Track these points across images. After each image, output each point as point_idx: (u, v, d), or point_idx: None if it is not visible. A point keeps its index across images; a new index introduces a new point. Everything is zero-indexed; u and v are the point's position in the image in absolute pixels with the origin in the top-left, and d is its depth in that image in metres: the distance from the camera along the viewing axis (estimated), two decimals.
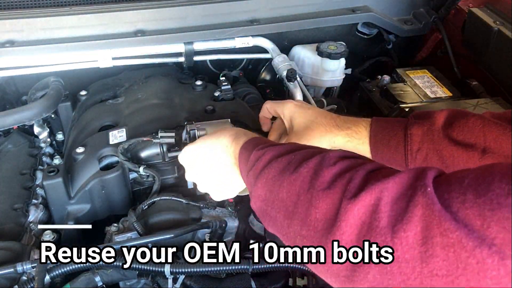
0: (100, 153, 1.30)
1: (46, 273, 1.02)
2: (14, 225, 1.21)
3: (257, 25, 1.53)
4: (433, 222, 0.54)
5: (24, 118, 1.37)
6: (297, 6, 1.59)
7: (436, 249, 0.53)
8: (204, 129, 1.15)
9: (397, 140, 1.03)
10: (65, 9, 1.45)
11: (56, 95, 1.43)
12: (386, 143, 1.04)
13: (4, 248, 1.11)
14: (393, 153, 1.04)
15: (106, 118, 1.44)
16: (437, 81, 1.60)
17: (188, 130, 1.17)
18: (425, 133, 1.01)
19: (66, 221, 1.25)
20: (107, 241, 1.15)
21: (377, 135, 1.06)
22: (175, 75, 1.67)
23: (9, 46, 1.37)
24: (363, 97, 1.65)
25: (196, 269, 1.04)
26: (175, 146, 1.25)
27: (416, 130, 1.01)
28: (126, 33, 1.45)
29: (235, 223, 1.21)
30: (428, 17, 1.72)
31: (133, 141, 1.27)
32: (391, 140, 1.04)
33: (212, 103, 1.47)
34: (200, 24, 1.51)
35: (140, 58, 1.55)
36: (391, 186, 0.60)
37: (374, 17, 1.66)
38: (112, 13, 1.45)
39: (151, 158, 1.30)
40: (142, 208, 1.18)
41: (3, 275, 1.02)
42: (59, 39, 1.41)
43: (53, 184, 1.22)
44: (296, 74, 1.51)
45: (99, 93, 1.59)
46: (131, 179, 1.30)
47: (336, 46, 1.60)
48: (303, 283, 1.09)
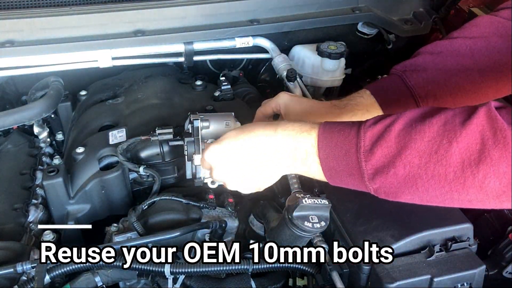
0: (100, 153, 1.30)
1: (46, 273, 1.02)
2: (14, 225, 1.21)
3: (257, 25, 1.53)
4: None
5: (24, 118, 1.37)
6: (297, 6, 1.59)
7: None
8: (207, 120, 1.15)
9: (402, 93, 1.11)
10: (65, 9, 1.45)
11: (56, 95, 1.43)
12: (394, 100, 1.09)
13: (4, 248, 1.11)
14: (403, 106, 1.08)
15: (106, 118, 1.45)
16: None
17: (191, 120, 1.17)
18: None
19: (66, 221, 1.25)
20: (107, 241, 1.15)
21: (379, 93, 1.10)
22: (175, 75, 1.67)
23: (9, 46, 1.37)
24: None
25: (196, 269, 1.04)
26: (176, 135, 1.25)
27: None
28: (126, 33, 1.45)
29: (235, 223, 1.21)
30: (428, 17, 1.72)
31: (132, 140, 1.27)
32: (400, 98, 1.10)
33: (212, 103, 1.48)
34: (200, 24, 1.51)
35: (140, 58, 1.55)
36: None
37: (374, 17, 1.66)
38: (112, 13, 1.45)
39: (151, 158, 1.30)
40: (142, 208, 1.18)
41: (3, 275, 1.02)
42: (59, 39, 1.41)
43: (53, 184, 1.22)
44: (296, 74, 1.51)
45: (99, 93, 1.59)
46: (131, 179, 1.30)
47: (336, 46, 1.60)
48: (303, 283, 1.09)
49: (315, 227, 0.91)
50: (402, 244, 0.98)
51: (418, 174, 0.79)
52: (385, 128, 0.82)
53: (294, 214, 0.90)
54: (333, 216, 1.05)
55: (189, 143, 1.15)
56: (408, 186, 0.81)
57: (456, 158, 0.75)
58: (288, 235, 0.95)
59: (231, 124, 1.17)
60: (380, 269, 0.95)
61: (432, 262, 0.96)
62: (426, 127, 0.79)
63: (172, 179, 1.33)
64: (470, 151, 0.75)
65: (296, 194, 0.93)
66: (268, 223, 1.08)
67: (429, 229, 0.98)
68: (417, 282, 0.93)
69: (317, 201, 0.92)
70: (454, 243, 0.99)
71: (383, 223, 1.00)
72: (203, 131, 1.14)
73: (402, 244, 0.98)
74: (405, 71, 1.17)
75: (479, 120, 0.75)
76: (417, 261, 0.97)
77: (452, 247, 0.98)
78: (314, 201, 0.91)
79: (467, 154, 0.75)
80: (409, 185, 0.81)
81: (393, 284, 0.92)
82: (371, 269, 0.96)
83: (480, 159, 0.74)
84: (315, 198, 0.92)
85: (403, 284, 0.93)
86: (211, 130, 1.16)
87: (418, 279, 0.94)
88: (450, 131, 0.77)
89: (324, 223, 0.92)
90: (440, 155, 0.77)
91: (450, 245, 0.98)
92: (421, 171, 0.79)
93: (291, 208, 0.91)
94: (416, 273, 0.94)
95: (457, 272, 0.95)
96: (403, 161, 0.79)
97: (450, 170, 0.76)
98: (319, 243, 1.05)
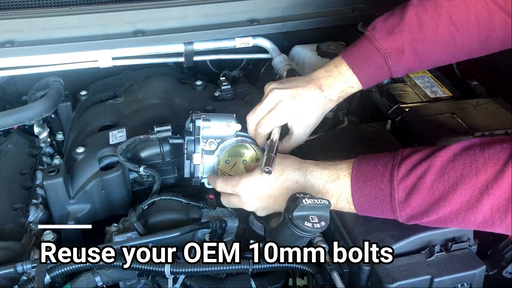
0: (100, 153, 1.30)
1: (46, 273, 1.02)
2: (14, 225, 1.21)
3: (257, 25, 1.53)
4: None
5: (24, 118, 1.37)
6: (297, 6, 1.59)
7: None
8: (209, 120, 1.15)
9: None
10: (65, 9, 1.45)
11: (56, 95, 1.43)
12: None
13: (4, 248, 1.11)
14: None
15: (106, 118, 1.45)
16: (437, 81, 1.60)
17: (193, 119, 1.17)
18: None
19: (66, 221, 1.25)
20: (107, 241, 1.15)
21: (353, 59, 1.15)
22: (175, 75, 1.67)
23: (9, 46, 1.37)
24: (363, 97, 1.64)
25: (196, 269, 1.04)
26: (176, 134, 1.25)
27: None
28: (126, 33, 1.45)
29: (235, 223, 1.21)
30: None
31: (131, 140, 1.27)
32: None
33: (212, 103, 1.48)
34: (200, 24, 1.51)
35: (140, 58, 1.55)
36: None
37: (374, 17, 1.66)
38: (112, 13, 1.45)
39: (151, 158, 1.30)
40: (142, 208, 1.18)
41: (3, 275, 1.02)
42: (59, 39, 1.41)
43: (53, 184, 1.22)
44: (296, 74, 1.51)
45: (99, 93, 1.59)
46: (131, 179, 1.30)
47: (336, 46, 1.60)
48: (303, 283, 1.09)
49: (315, 227, 0.90)
50: (402, 244, 0.98)
51: (449, 218, 0.87)
52: (417, 179, 0.88)
53: (294, 214, 0.90)
54: (333, 216, 1.05)
55: (189, 141, 1.15)
56: (437, 223, 0.90)
57: (487, 207, 0.82)
58: (288, 235, 0.95)
59: (232, 125, 1.17)
60: (380, 269, 0.95)
61: (432, 262, 0.96)
62: (458, 180, 0.84)
63: (172, 179, 1.33)
64: (500, 200, 0.80)
65: (296, 194, 0.93)
66: (268, 223, 1.08)
67: (429, 229, 0.98)
68: (417, 282, 0.93)
69: (317, 201, 0.92)
70: (454, 244, 0.99)
71: (383, 223, 1.00)
72: (204, 131, 1.15)
73: (402, 244, 0.98)
74: (391, 54, 1.15)
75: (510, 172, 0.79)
76: (417, 262, 0.97)
77: (452, 248, 0.99)
78: (314, 201, 0.91)
79: (497, 203, 0.80)
80: (439, 223, 0.90)
81: (393, 284, 0.92)
82: (371, 269, 0.96)
83: (507, 207, 0.79)
84: (315, 198, 0.92)
85: (403, 284, 0.93)
86: (212, 130, 1.16)
87: (418, 279, 0.94)
88: (482, 183, 0.82)
89: (324, 223, 0.91)
90: (471, 204, 0.83)
91: (450, 246, 0.98)
92: (452, 216, 0.86)
93: (291, 208, 0.91)
94: (416, 273, 0.94)
95: (457, 273, 0.95)
96: (436, 210, 0.87)
97: (479, 216, 0.83)
98: (319, 243, 1.05)
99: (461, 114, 1.35)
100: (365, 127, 1.35)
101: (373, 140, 1.29)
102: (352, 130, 1.35)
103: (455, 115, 1.35)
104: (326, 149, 1.23)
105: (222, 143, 1.18)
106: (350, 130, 1.37)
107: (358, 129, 1.34)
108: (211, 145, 1.17)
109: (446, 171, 0.85)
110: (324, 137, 1.32)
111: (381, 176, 0.92)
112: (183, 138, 1.20)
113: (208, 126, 1.15)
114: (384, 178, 0.91)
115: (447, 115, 1.35)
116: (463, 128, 1.30)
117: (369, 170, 0.94)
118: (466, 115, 1.34)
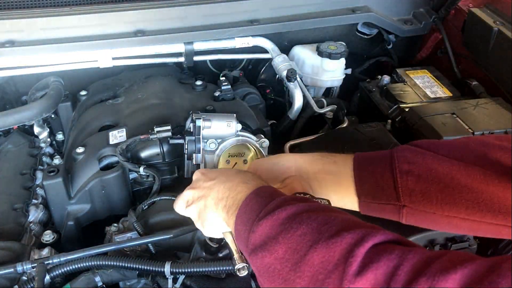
0: (100, 153, 1.30)
1: (46, 273, 1.02)
2: (14, 225, 1.21)
3: (257, 25, 1.53)
4: None
5: (24, 118, 1.37)
6: (297, 6, 1.59)
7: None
8: (209, 120, 1.15)
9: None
10: (65, 9, 1.45)
11: (56, 95, 1.43)
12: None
13: (4, 248, 1.11)
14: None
15: (106, 118, 1.44)
16: (437, 81, 1.61)
17: (193, 119, 1.17)
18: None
19: (66, 221, 1.25)
20: (107, 241, 1.15)
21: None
22: (175, 75, 1.67)
23: (9, 46, 1.37)
24: (363, 97, 1.65)
25: (196, 269, 1.04)
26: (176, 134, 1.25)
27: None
28: (126, 33, 1.45)
29: None
30: (428, 17, 1.73)
31: (131, 140, 1.27)
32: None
33: (212, 103, 1.47)
34: (200, 24, 1.51)
35: (140, 58, 1.55)
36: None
37: (374, 17, 1.66)
38: (112, 13, 1.45)
39: (151, 158, 1.30)
40: (142, 208, 1.18)
41: (3, 275, 1.02)
42: (59, 39, 1.41)
43: (53, 184, 1.22)
44: (296, 74, 1.51)
45: (99, 93, 1.59)
46: (131, 179, 1.30)
47: (336, 46, 1.60)
48: None
49: None
50: None
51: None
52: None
53: None
54: None
55: (190, 141, 1.15)
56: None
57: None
58: None
59: (232, 125, 1.17)
60: None
61: None
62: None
63: (172, 179, 1.33)
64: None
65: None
66: None
67: (429, 229, 0.98)
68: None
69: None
70: (454, 243, 0.99)
71: (383, 223, 1.00)
72: (204, 131, 1.15)
73: None
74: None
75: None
76: None
77: (452, 247, 0.99)
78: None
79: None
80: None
81: None
82: None
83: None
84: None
85: None
86: (213, 130, 1.16)
87: None
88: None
89: None
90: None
91: (450, 245, 0.98)
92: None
93: None
94: None
95: None
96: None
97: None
98: None
99: (461, 114, 1.35)
100: (365, 127, 1.35)
101: (373, 140, 1.29)
102: (352, 130, 1.35)
103: (455, 115, 1.35)
104: (326, 149, 1.23)
105: (222, 143, 1.18)
106: (350, 130, 1.37)
107: (358, 129, 1.34)
108: (212, 145, 1.17)
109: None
110: (324, 137, 1.32)
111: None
112: (183, 138, 1.20)
113: (209, 126, 1.15)
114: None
115: (447, 115, 1.36)
116: (463, 128, 1.30)
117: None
118: (466, 115, 1.35)
